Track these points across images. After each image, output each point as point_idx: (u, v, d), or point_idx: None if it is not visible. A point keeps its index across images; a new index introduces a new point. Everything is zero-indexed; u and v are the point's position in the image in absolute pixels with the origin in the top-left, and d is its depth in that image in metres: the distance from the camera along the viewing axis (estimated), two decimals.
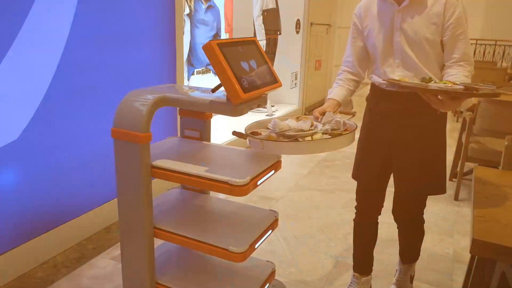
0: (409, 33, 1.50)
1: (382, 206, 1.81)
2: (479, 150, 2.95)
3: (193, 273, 1.52)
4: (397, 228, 1.84)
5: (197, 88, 1.44)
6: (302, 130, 1.35)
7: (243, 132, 1.36)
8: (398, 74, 1.56)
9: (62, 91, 2.09)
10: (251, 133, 1.40)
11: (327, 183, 3.31)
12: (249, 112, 1.30)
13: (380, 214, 1.83)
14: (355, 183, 1.81)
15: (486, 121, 2.86)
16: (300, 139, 1.31)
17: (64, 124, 2.13)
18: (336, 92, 1.67)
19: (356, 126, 1.44)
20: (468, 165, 3.12)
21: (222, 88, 1.19)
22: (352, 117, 1.54)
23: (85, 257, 2.20)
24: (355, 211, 1.85)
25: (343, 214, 2.76)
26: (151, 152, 1.30)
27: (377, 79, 1.60)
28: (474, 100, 2.75)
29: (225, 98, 1.22)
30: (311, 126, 1.40)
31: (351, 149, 1.71)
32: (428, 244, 2.37)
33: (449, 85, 1.33)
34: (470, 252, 1.12)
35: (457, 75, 1.45)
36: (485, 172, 1.60)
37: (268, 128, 1.44)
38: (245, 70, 1.20)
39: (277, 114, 4.94)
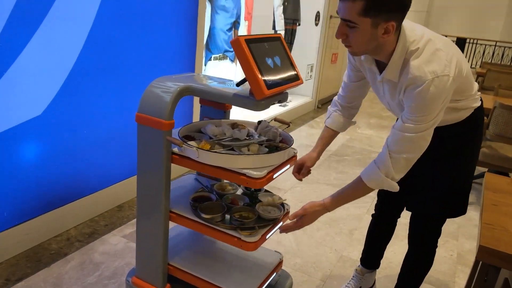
0: (389, 99, 1.41)
1: (402, 210, 1.76)
2: (491, 155, 2.96)
3: (204, 258, 1.57)
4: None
5: (218, 79, 1.47)
6: (238, 140, 1.34)
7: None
8: (397, 114, 1.46)
9: (87, 69, 2.14)
10: (184, 137, 1.38)
11: (335, 178, 3.34)
12: None
13: (399, 217, 1.80)
14: None
15: (500, 126, 2.86)
16: (236, 149, 1.31)
17: (85, 101, 2.18)
18: (332, 118, 1.67)
19: (293, 140, 1.43)
20: (478, 169, 3.13)
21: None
22: (287, 127, 1.53)
23: (97, 233, 2.27)
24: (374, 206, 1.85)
25: (350, 209, 2.80)
26: None
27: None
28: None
29: (248, 92, 1.26)
30: (247, 135, 1.39)
31: (362, 145, 1.73)
32: None
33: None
34: (477, 258, 1.16)
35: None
36: (496, 180, 1.62)
37: (202, 133, 1.44)
38: (269, 66, 1.23)
39: (290, 105, 4.96)
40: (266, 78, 1.18)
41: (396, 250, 2.29)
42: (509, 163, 2.90)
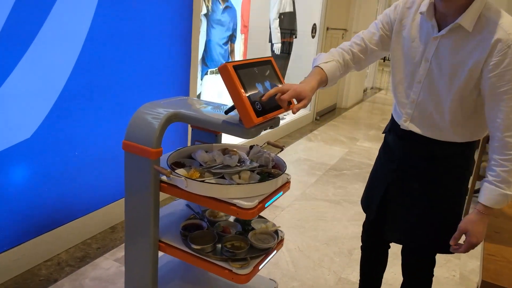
0: (438, 69, 1.25)
1: (388, 246, 1.70)
2: None
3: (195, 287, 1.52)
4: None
5: (211, 104, 1.42)
6: (229, 167, 1.29)
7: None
8: (407, 111, 1.36)
9: (77, 91, 2.10)
10: (174, 164, 1.33)
11: (334, 194, 3.28)
12: None
13: (389, 247, 1.72)
14: (362, 194, 1.70)
15: None
16: (226, 177, 1.26)
17: (76, 123, 2.14)
18: (331, 66, 1.36)
19: (286, 166, 1.37)
20: (478, 183, 3.07)
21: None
22: (280, 151, 1.47)
23: (89, 257, 2.21)
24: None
25: (349, 228, 2.74)
26: None
27: None
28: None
29: (237, 118, 1.21)
30: (238, 161, 1.33)
31: (361, 158, 1.67)
32: None
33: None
34: None
35: (496, 172, 1.20)
36: None
37: (192, 159, 1.39)
38: (259, 92, 1.19)
39: (288, 118, 4.92)
40: (255, 105, 1.14)
41: (397, 270, 2.23)
42: None
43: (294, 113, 1.19)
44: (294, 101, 1.23)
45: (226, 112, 1.22)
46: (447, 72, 1.23)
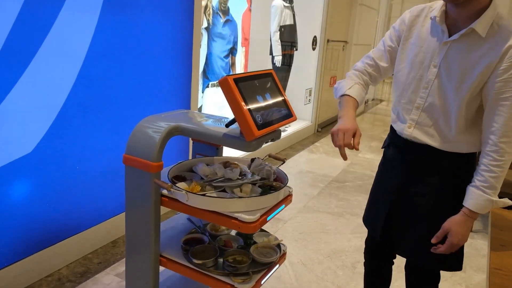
0: (446, 74, 1.26)
1: (394, 257, 1.66)
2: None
3: None
4: None
5: (212, 117, 1.42)
6: (230, 180, 1.29)
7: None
8: (412, 117, 1.35)
9: (78, 106, 2.10)
10: (175, 177, 1.33)
11: (336, 206, 3.26)
12: None
13: (393, 263, 1.68)
14: (365, 207, 1.66)
15: None
16: (227, 190, 1.26)
17: (77, 138, 2.14)
18: (356, 89, 1.40)
19: (288, 178, 1.36)
20: None
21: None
22: (282, 163, 1.45)
23: (90, 272, 2.19)
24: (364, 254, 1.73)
25: (352, 240, 2.71)
26: None
27: None
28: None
29: (238, 131, 1.20)
30: (240, 174, 1.33)
31: (363, 170, 1.65)
32: None
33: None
34: None
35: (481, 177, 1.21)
36: (503, 215, 1.55)
37: (193, 172, 1.38)
38: (260, 105, 1.19)
39: (289, 130, 4.92)
40: (256, 118, 1.13)
41: (401, 284, 2.19)
42: None
43: (357, 149, 1.23)
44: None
45: (227, 125, 1.22)
46: (455, 76, 1.24)
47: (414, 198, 1.38)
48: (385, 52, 1.43)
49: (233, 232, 1.51)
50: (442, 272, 1.51)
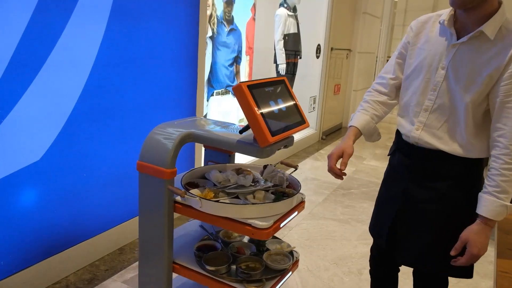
0: (454, 76, 1.27)
1: (398, 270, 1.66)
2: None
3: None
4: None
5: (220, 123, 1.43)
6: (243, 186, 1.29)
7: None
8: (420, 119, 1.35)
9: (86, 114, 2.12)
10: (187, 184, 1.33)
11: (342, 213, 3.26)
12: None
13: (399, 271, 1.67)
14: (370, 214, 1.65)
15: None
16: (241, 197, 1.26)
17: (84, 146, 2.15)
18: (358, 118, 1.44)
19: (300, 185, 1.36)
20: None
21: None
22: (294, 170, 1.46)
23: (97, 279, 2.18)
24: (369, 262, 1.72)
25: (358, 247, 2.71)
26: None
27: None
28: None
29: (252, 138, 1.22)
30: (252, 181, 1.33)
31: (368, 177, 1.66)
32: None
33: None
34: None
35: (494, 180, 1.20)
36: (509, 219, 1.54)
37: (206, 178, 1.39)
38: (273, 111, 1.20)
39: (294, 138, 4.92)
40: (270, 124, 1.15)
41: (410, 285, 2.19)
42: None
43: (343, 169, 1.33)
44: None
45: (241, 132, 1.23)
46: (463, 78, 1.25)
47: (420, 204, 1.37)
48: (398, 66, 1.46)
49: (246, 239, 1.52)
50: (449, 278, 1.49)
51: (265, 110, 1.16)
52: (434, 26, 1.35)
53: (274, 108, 1.21)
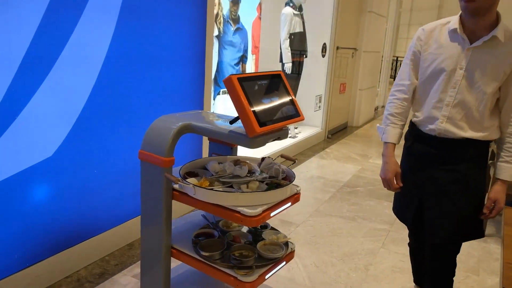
0: (473, 75, 1.49)
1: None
2: (509, 185, 2.87)
3: None
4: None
5: (223, 117, 1.48)
6: (239, 177, 1.34)
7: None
8: (443, 113, 1.56)
9: (97, 110, 2.19)
10: (186, 174, 1.39)
11: (348, 210, 3.27)
12: None
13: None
14: (377, 211, 1.81)
15: None
16: (235, 186, 1.31)
17: (95, 142, 2.22)
18: (391, 134, 1.69)
19: (295, 176, 1.41)
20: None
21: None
22: (292, 163, 1.53)
23: (108, 273, 2.25)
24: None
25: (365, 244, 2.72)
26: None
27: None
28: None
29: (243, 129, 1.26)
30: (248, 172, 1.38)
31: (374, 175, 1.72)
32: None
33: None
34: None
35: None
36: None
37: (205, 169, 1.45)
38: (264, 103, 1.24)
39: (300, 136, 4.96)
40: (259, 115, 1.19)
41: None
42: None
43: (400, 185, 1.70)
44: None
45: (231, 122, 1.28)
46: (481, 76, 1.48)
47: (445, 187, 1.58)
48: (413, 71, 1.66)
49: (244, 229, 1.56)
50: (455, 275, 1.64)
51: (255, 101, 1.20)
52: (442, 32, 1.57)
53: (265, 100, 1.25)
